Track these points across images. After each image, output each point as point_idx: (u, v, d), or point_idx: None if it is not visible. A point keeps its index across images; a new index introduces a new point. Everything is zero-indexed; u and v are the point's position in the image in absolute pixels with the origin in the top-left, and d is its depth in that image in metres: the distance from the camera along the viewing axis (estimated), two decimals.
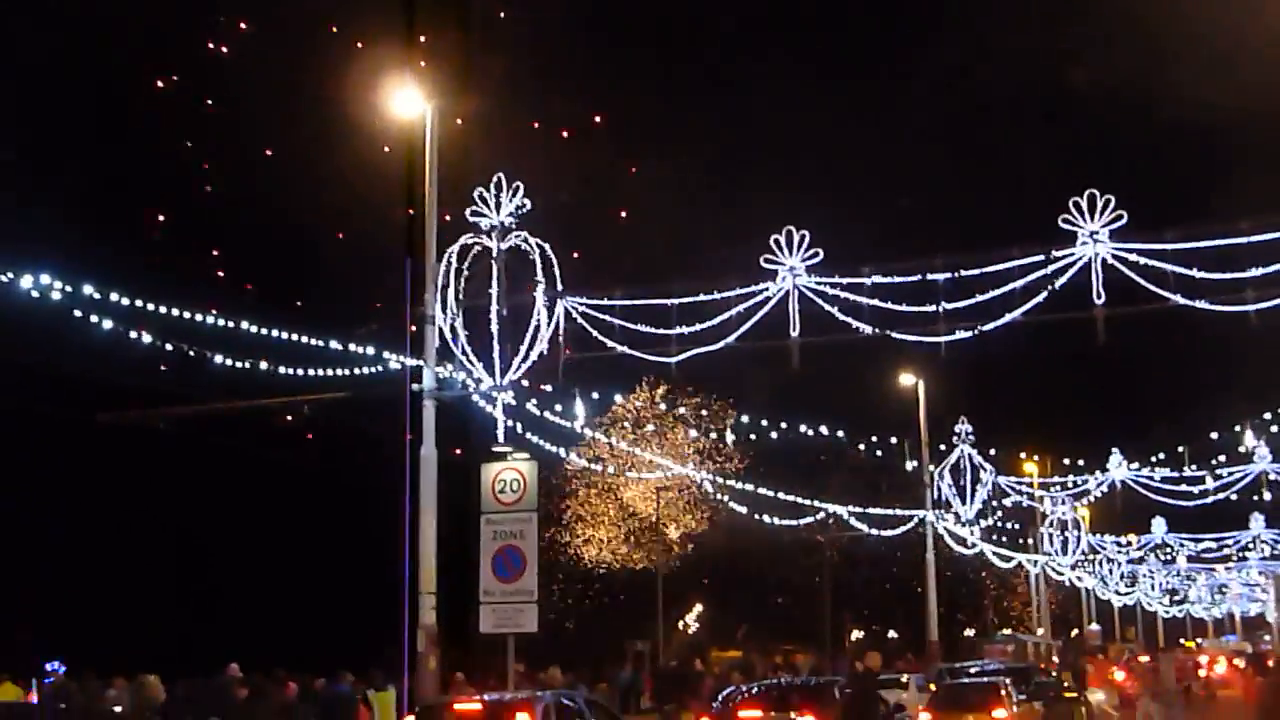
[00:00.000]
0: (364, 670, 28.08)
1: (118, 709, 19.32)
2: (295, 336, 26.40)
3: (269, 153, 48.78)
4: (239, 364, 25.97)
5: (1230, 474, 51.95)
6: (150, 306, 24.14)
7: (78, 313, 22.99)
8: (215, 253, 49.36)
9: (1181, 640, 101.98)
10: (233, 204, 49.65)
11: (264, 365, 26.29)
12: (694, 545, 55.32)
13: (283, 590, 49.35)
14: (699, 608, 73.55)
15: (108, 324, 23.59)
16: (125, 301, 23.66)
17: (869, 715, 24.73)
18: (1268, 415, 43.69)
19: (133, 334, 24.08)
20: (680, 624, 70.24)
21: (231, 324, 25.43)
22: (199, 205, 49.96)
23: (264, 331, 25.89)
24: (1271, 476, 51.98)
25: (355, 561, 44.29)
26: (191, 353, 25.33)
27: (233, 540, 49.78)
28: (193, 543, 48.57)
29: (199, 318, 25.03)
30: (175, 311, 24.59)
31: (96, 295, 23.08)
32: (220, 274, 46.49)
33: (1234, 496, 53.82)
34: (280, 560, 49.96)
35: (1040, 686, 39.27)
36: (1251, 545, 75.39)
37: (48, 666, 31.29)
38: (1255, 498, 54.81)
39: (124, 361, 24.81)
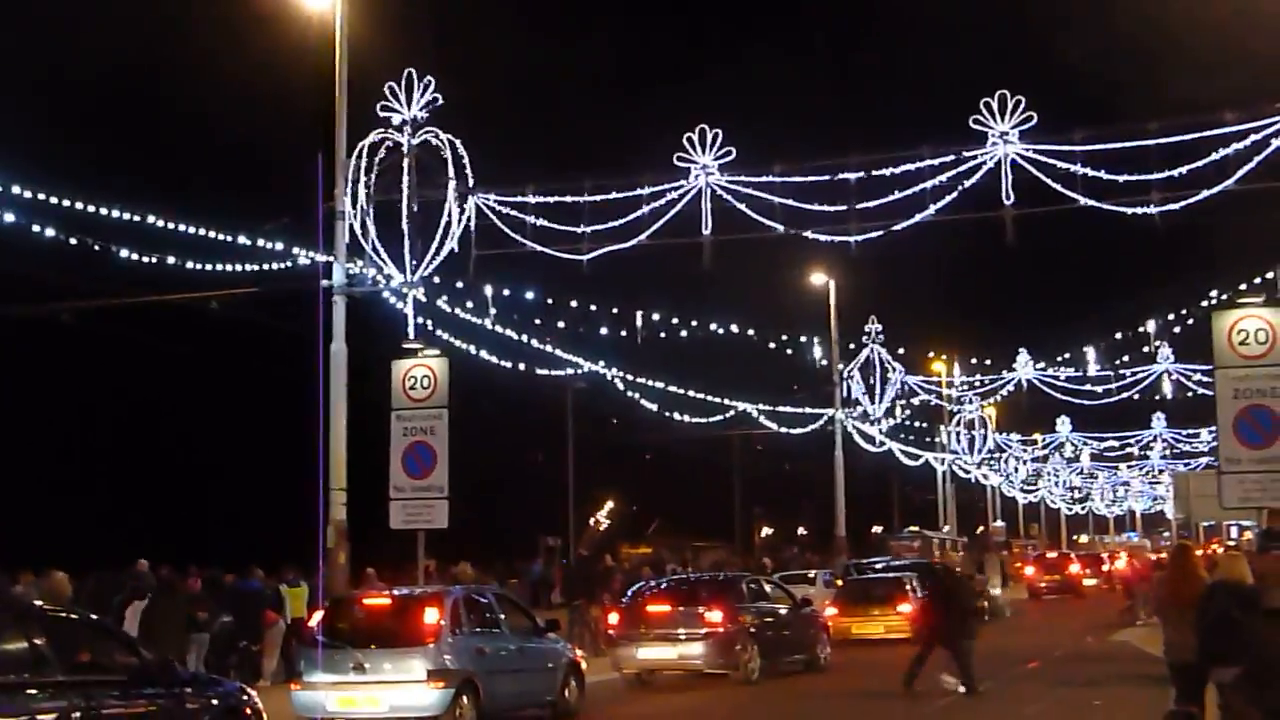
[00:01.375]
0: (275, 566, 28.07)
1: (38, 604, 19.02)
2: (203, 230, 26.05)
3: (176, 41, 47.89)
4: (145, 258, 25.61)
5: (1133, 374, 52.85)
6: (54, 199, 23.73)
7: None
8: (121, 144, 48.51)
9: (1075, 538, 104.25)
10: (138, 95, 48.81)
11: (171, 260, 25.94)
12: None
13: (194, 486, 49.18)
14: (610, 504, 74.14)
15: (9, 216, 23.18)
16: (28, 194, 23.25)
17: (957, 617, 22.58)
18: (1171, 316, 44.34)
19: (35, 226, 23.68)
20: (592, 520, 70.77)
21: (138, 217, 25.05)
22: (103, 95, 49.06)
23: (171, 225, 25.52)
24: (1173, 376, 52.93)
25: (266, 457, 44.19)
26: (96, 246, 24.94)
27: (142, 436, 49.46)
28: (101, 437, 48.21)
29: (104, 210, 24.63)
30: (79, 204, 24.19)
31: None
32: (126, 165, 45.70)
33: (1136, 396, 54.81)
34: (191, 456, 49.74)
35: None
36: (1153, 444, 76.84)
37: None
38: (1157, 397, 55.80)
39: (27, 254, 24.41)
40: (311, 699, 18.47)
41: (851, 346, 52.61)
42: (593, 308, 34.51)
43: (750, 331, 42.70)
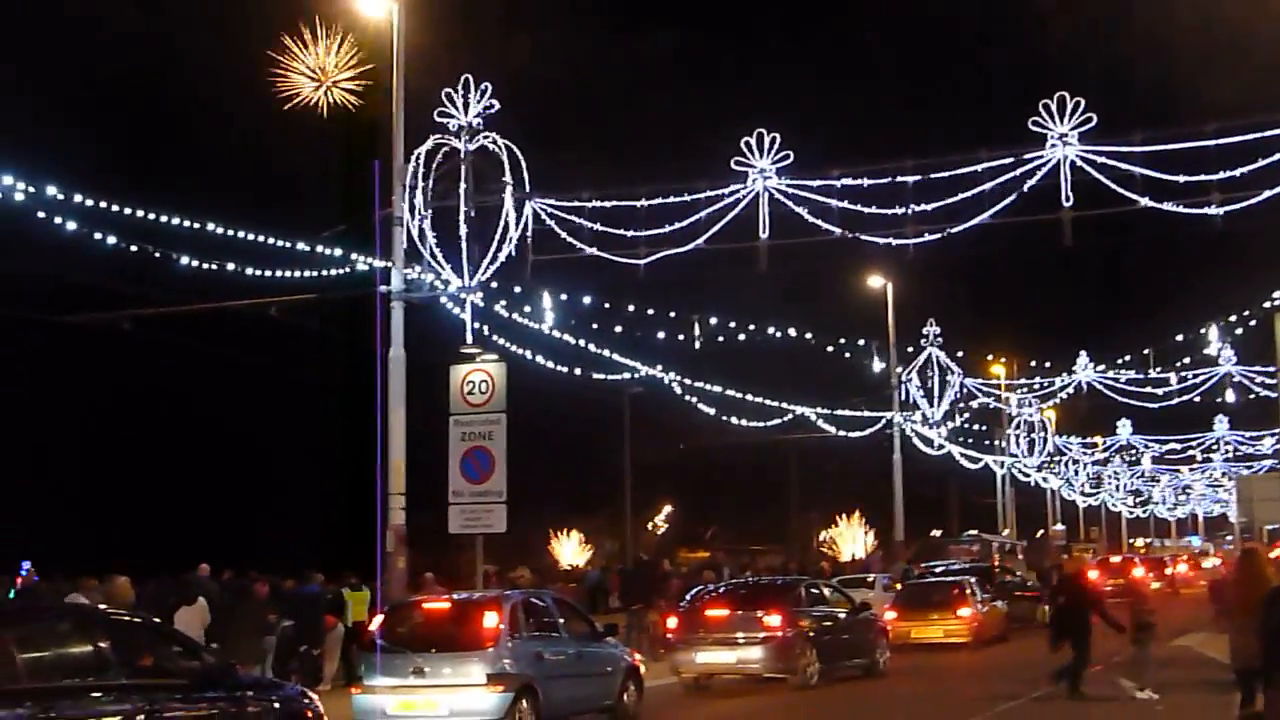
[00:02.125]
0: (335, 571, 28.21)
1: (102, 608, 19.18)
2: (261, 238, 26.24)
3: (233, 50, 48.18)
4: (205, 265, 25.83)
5: (1195, 376, 52.31)
6: (115, 208, 23.96)
7: (41, 214, 22.80)
8: (180, 153, 48.93)
9: (1134, 542, 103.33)
10: (197, 104, 49.19)
11: (230, 266, 26.15)
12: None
13: (254, 491, 49.50)
14: (668, 508, 74.14)
15: (72, 225, 23.41)
16: (89, 203, 23.48)
17: (1080, 627, 21.91)
18: (1233, 318, 43.88)
19: (97, 235, 23.91)
20: (650, 525, 70.80)
21: (197, 225, 25.26)
22: (162, 106, 49.46)
23: (230, 232, 25.72)
24: (1235, 378, 52.36)
25: (326, 463, 44.40)
26: (157, 254, 25.18)
27: (203, 442, 49.82)
28: (162, 444, 48.58)
29: (164, 219, 24.85)
30: (140, 212, 24.42)
31: (60, 196, 22.89)
32: (185, 175, 46.09)
33: (1198, 399, 54.26)
34: (251, 461, 50.07)
35: (1004, 586, 39.81)
36: (1215, 446, 76.03)
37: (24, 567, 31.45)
38: (1219, 400, 55.21)
39: (88, 263, 24.68)
40: (371, 702, 18.52)
41: (910, 350, 52.33)
42: (650, 312, 34.53)
43: (808, 335, 42.60)
